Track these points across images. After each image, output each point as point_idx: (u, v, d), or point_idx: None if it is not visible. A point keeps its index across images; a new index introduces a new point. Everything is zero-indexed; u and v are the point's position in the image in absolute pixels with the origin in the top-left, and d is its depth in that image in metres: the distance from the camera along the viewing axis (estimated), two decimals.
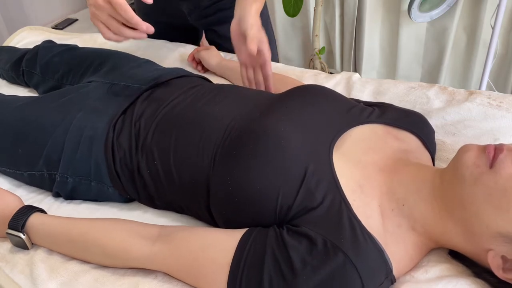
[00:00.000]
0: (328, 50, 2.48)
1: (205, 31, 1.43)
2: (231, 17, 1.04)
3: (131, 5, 0.90)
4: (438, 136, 0.92)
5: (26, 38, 1.53)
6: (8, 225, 0.77)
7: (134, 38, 0.83)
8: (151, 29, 0.82)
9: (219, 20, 1.33)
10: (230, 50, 1.35)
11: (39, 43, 1.24)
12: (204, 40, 1.52)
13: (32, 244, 0.80)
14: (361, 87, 1.13)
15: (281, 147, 0.72)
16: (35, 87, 1.23)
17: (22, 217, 0.78)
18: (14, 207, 0.80)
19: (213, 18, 1.33)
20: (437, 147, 0.90)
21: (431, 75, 2.22)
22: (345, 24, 2.29)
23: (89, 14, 0.84)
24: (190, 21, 1.36)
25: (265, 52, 0.95)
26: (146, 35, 0.83)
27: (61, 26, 2.77)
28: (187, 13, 1.34)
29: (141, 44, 1.40)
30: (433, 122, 0.91)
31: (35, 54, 1.19)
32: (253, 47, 0.91)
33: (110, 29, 0.83)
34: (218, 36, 1.37)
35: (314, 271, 0.61)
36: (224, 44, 1.34)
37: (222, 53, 1.28)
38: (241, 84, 1.05)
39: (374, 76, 2.38)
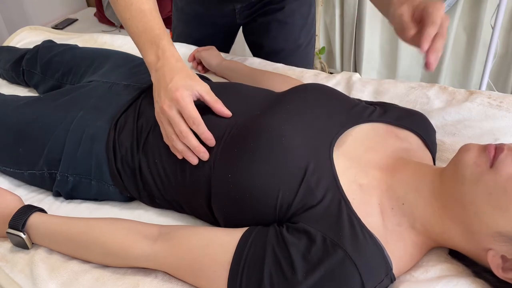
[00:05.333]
0: (328, 50, 2.48)
1: (244, 26, 1.39)
2: (278, 9, 1.26)
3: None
4: (438, 136, 0.92)
5: (26, 38, 1.53)
6: (9, 224, 0.78)
7: (192, 159, 0.76)
8: (206, 156, 0.76)
9: (265, 12, 1.31)
10: (261, 44, 1.36)
11: (39, 43, 1.24)
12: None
13: (33, 243, 0.80)
14: (361, 87, 1.13)
15: (282, 145, 0.72)
16: (35, 87, 1.23)
17: (22, 216, 0.78)
18: (14, 207, 0.80)
19: (260, 12, 1.32)
20: (437, 147, 0.90)
21: (431, 75, 2.22)
22: (345, 24, 2.29)
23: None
24: (238, 19, 1.34)
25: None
26: (207, 155, 0.76)
27: (61, 26, 2.77)
28: (238, 12, 1.31)
29: None
30: (433, 122, 0.91)
31: (36, 54, 1.19)
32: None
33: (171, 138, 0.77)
34: (257, 26, 1.34)
35: (314, 268, 0.61)
36: (260, 36, 1.34)
37: (222, 54, 1.29)
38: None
39: (374, 76, 2.38)
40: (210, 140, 0.76)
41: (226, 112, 0.80)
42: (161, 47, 0.81)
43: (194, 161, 0.77)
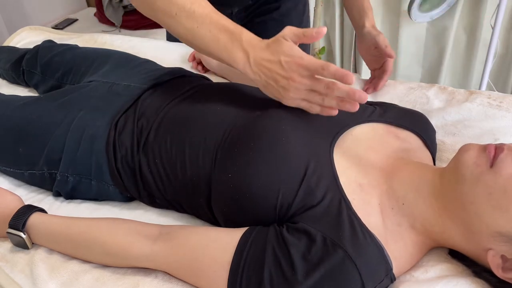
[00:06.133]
0: (328, 50, 2.47)
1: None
2: (274, 8, 1.27)
3: None
4: (438, 136, 0.93)
5: (26, 38, 1.53)
6: (9, 224, 0.78)
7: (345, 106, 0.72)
8: (364, 95, 0.70)
9: (261, 12, 1.30)
10: None
11: (39, 43, 1.24)
12: None
13: (33, 243, 0.80)
14: (361, 87, 1.13)
15: (282, 145, 0.72)
16: (35, 87, 1.23)
17: (22, 216, 0.78)
18: (15, 207, 0.80)
19: (256, 12, 1.31)
20: (437, 147, 0.90)
21: (431, 75, 2.22)
22: (345, 24, 2.29)
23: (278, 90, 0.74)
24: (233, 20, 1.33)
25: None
26: (365, 95, 0.70)
27: (61, 26, 2.77)
28: (235, 15, 1.30)
29: (141, 44, 1.40)
30: (433, 122, 0.91)
31: (36, 54, 1.19)
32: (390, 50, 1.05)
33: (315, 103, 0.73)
34: (253, 26, 1.31)
35: (314, 268, 0.62)
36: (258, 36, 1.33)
37: None
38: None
39: None
40: (347, 75, 0.68)
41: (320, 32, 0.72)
42: (244, 40, 0.76)
43: (355, 107, 0.71)
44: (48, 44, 1.22)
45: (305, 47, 1.42)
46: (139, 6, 0.84)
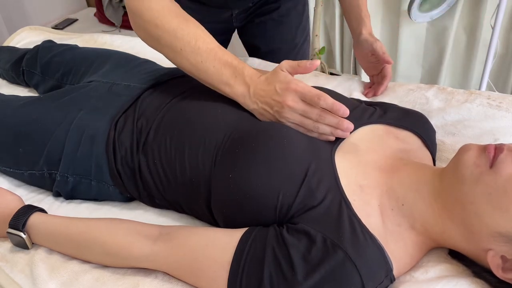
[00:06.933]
0: (328, 50, 2.47)
1: (239, 28, 1.38)
2: (273, 9, 1.27)
3: None
4: (438, 136, 0.93)
5: (26, 38, 1.54)
6: (9, 224, 0.78)
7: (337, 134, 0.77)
8: (351, 126, 0.76)
9: (261, 13, 1.31)
10: (258, 44, 1.36)
11: (39, 43, 1.24)
12: None
13: (33, 243, 0.80)
14: (360, 89, 1.13)
15: (283, 146, 0.72)
16: (35, 87, 1.23)
17: (22, 216, 0.78)
18: (15, 207, 0.80)
19: (257, 13, 1.31)
20: (437, 147, 0.90)
21: (431, 75, 2.22)
22: (345, 24, 2.29)
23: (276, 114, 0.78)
24: (234, 23, 1.33)
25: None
26: (352, 125, 0.76)
27: (61, 26, 2.77)
28: (235, 16, 1.30)
29: (141, 44, 1.39)
30: (433, 122, 0.91)
31: (36, 54, 1.19)
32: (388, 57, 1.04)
33: (307, 129, 0.77)
34: (253, 26, 1.33)
35: (314, 269, 0.62)
36: (256, 37, 1.34)
37: None
38: None
39: None
40: (341, 110, 0.74)
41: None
42: (246, 75, 0.81)
43: (346, 134, 0.77)
44: (48, 44, 1.22)
45: (305, 49, 1.42)
46: (146, 40, 0.88)
